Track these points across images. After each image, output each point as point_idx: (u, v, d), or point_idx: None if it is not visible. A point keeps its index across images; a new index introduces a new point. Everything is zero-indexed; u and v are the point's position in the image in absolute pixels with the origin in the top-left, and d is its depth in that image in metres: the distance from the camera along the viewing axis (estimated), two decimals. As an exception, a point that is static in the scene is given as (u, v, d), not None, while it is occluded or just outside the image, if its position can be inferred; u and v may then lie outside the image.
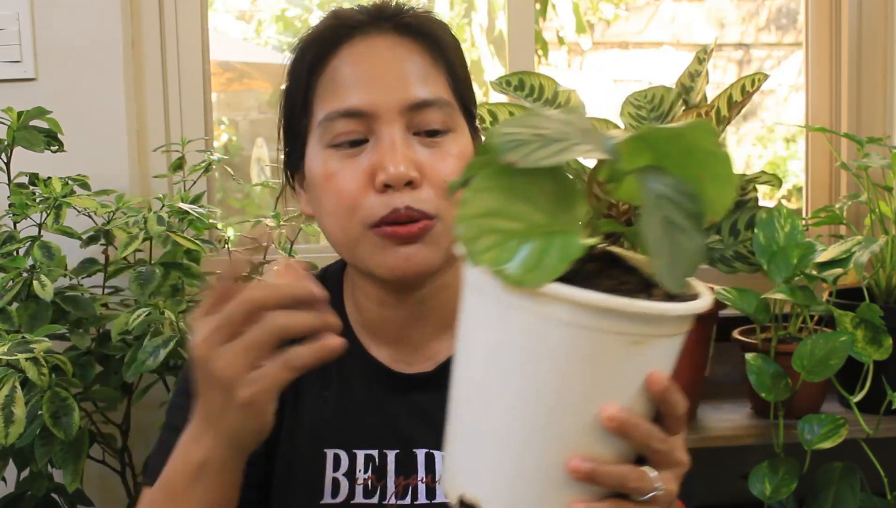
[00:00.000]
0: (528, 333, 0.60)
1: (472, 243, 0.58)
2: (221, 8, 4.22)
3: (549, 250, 0.58)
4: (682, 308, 0.61)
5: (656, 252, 0.59)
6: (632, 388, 0.62)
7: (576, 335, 0.59)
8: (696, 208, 0.62)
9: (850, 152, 1.85)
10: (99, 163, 1.62)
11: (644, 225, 0.60)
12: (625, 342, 0.60)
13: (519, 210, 0.59)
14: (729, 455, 1.62)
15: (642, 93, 1.63)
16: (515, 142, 0.58)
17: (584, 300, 0.58)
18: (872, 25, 1.89)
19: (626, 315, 0.59)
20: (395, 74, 0.90)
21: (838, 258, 1.48)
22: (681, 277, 0.61)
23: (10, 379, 1.19)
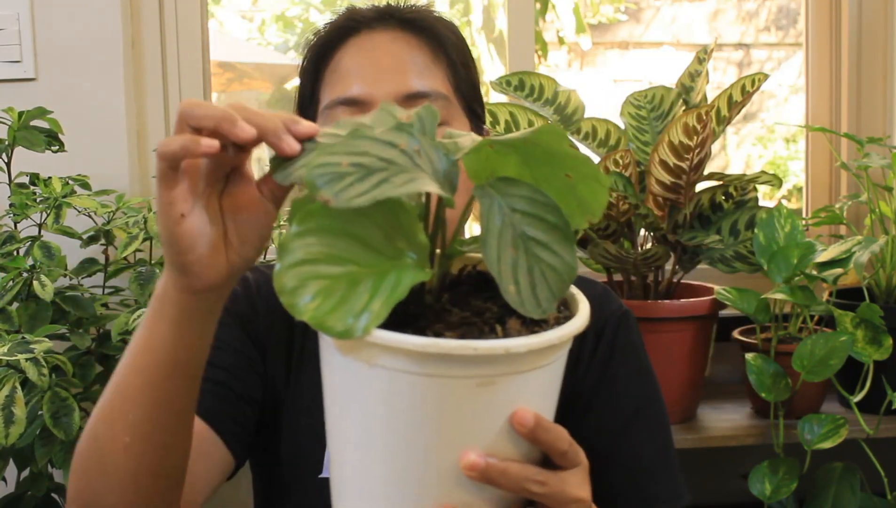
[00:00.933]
0: (367, 383, 0.56)
1: (293, 296, 0.52)
2: (223, 7, 4.23)
3: (375, 293, 0.52)
4: (526, 343, 0.55)
5: (503, 276, 0.55)
6: (495, 429, 0.57)
7: (412, 383, 0.55)
8: (557, 219, 0.57)
9: (850, 152, 1.85)
10: (99, 163, 1.62)
11: (484, 247, 0.55)
12: (470, 384, 0.55)
13: (344, 252, 0.53)
14: (729, 455, 1.62)
15: (642, 93, 1.63)
16: (330, 175, 0.52)
17: (411, 347, 0.53)
18: (872, 25, 1.89)
19: (459, 359, 0.54)
20: (393, 66, 0.92)
21: (838, 258, 1.48)
22: (545, 298, 0.56)
23: (11, 379, 1.19)
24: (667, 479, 0.95)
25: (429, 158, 0.57)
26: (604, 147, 1.63)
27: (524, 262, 0.56)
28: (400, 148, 0.56)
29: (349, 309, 0.52)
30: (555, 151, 0.59)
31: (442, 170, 0.57)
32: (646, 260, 1.53)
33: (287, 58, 4.60)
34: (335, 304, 0.52)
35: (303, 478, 0.95)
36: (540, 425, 0.59)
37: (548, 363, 0.58)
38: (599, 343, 0.95)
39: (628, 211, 1.55)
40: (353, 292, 0.52)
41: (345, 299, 0.52)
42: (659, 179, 1.51)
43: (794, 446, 1.46)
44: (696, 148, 1.46)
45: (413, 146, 0.57)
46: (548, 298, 0.56)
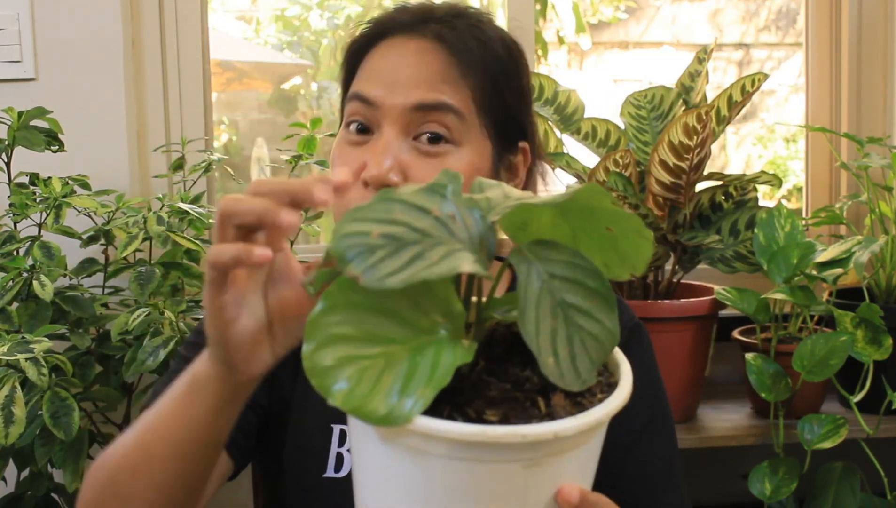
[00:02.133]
0: (406, 468, 0.54)
1: (326, 378, 0.49)
2: (221, 8, 4.23)
3: (414, 374, 0.49)
4: (575, 425, 0.53)
5: (542, 349, 0.52)
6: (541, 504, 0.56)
7: (456, 469, 0.52)
8: (598, 284, 0.55)
9: (850, 152, 1.85)
10: (99, 163, 1.62)
11: (521, 319, 0.52)
12: (516, 468, 0.53)
13: (376, 329, 0.50)
14: (729, 455, 1.62)
15: (642, 93, 1.63)
16: (359, 248, 0.49)
17: (457, 436, 0.50)
18: (872, 25, 1.89)
19: (507, 446, 0.52)
20: (411, 77, 0.90)
21: (838, 258, 1.48)
22: (585, 369, 0.54)
23: (10, 379, 1.19)
24: (672, 494, 0.96)
25: (464, 223, 0.54)
26: (604, 147, 1.63)
27: (563, 331, 0.54)
28: (433, 215, 0.53)
29: (388, 393, 0.49)
30: (595, 207, 0.56)
31: (478, 235, 0.54)
32: (646, 260, 1.53)
33: (286, 57, 4.60)
34: (371, 387, 0.49)
35: (309, 476, 0.95)
36: (586, 499, 0.57)
37: (591, 438, 0.57)
38: None
39: (628, 211, 1.55)
40: (390, 373, 0.49)
41: (382, 382, 0.49)
42: (659, 179, 1.51)
43: (794, 446, 1.46)
44: (696, 148, 1.46)
45: (447, 211, 0.54)
46: (588, 369, 0.54)
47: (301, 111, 4.28)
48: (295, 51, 4.55)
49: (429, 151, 0.89)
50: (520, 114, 0.98)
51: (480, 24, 0.96)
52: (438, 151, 0.89)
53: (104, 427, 1.50)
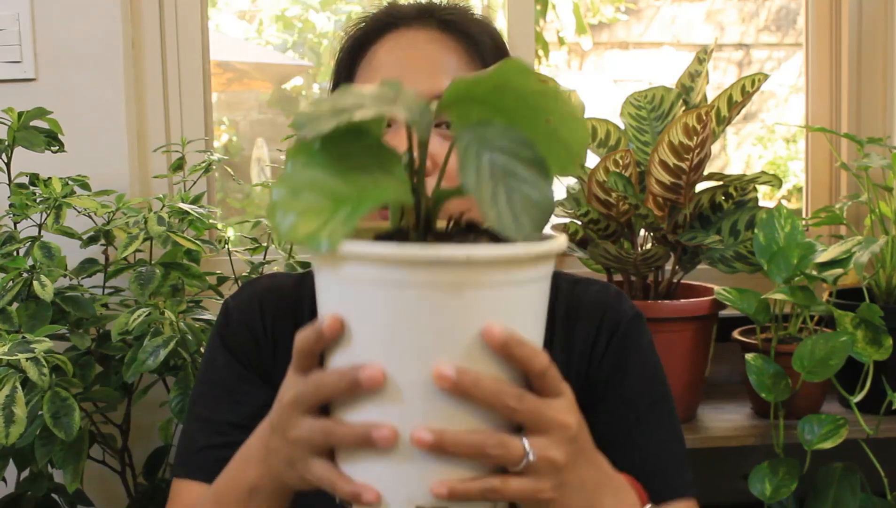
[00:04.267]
0: (344, 297, 0.59)
1: (278, 218, 0.56)
2: (222, 8, 4.23)
3: (354, 213, 0.56)
4: (488, 251, 0.57)
5: (487, 201, 0.57)
6: (468, 345, 0.59)
7: (384, 293, 0.57)
8: (533, 154, 0.60)
9: (851, 153, 1.85)
10: (99, 163, 1.62)
11: (462, 173, 0.58)
12: (437, 292, 0.57)
13: (329, 182, 0.57)
14: (729, 455, 1.62)
15: (642, 93, 1.63)
16: (310, 117, 0.57)
17: (377, 253, 0.57)
18: (872, 25, 1.89)
19: (423, 264, 0.56)
20: (425, 66, 0.92)
21: (838, 259, 1.48)
22: (527, 224, 0.57)
23: (11, 379, 1.19)
24: (683, 470, 0.96)
25: (405, 101, 0.60)
26: (604, 147, 1.63)
27: (504, 192, 0.58)
28: (377, 95, 0.59)
29: (324, 225, 0.55)
30: (528, 91, 0.60)
31: (417, 107, 0.60)
32: (646, 260, 1.53)
33: (286, 57, 4.60)
34: (319, 224, 0.55)
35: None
36: (513, 338, 0.59)
37: (520, 281, 0.59)
38: (613, 338, 0.97)
39: (628, 211, 1.55)
40: (335, 213, 0.56)
41: (326, 220, 0.55)
42: (659, 180, 1.51)
43: (795, 446, 1.46)
44: (696, 148, 1.46)
45: (389, 93, 0.60)
46: (529, 225, 0.58)
47: (301, 111, 4.27)
48: (297, 51, 4.55)
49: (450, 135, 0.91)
50: None
51: (474, 14, 0.99)
52: None
53: (104, 427, 1.50)
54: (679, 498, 0.94)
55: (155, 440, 1.61)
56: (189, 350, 1.35)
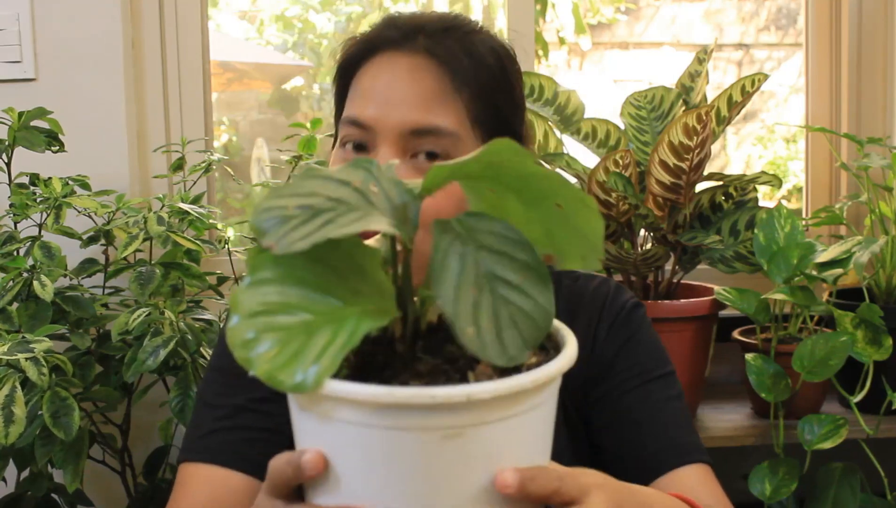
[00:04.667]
0: (329, 440, 0.53)
1: (246, 349, 0.48)
2: (222, 8, 4.23)
3: (332, 343, 0.48)
4: (492, 388, 0.50)
5: (460, 315, 0.49)
6: (474, 488, 0.52)
7: (373, 437, 0.50)
8: (531, 258, 0.52)
9: (851, 153, 1.85)
10: (99, 163, 1.62)
11: (436, 284, 0.50)
12: (435, 437, 0.50)
13: (301, 300, 0.50)
14: (729, 455, 1.62)
15: (642, 93, 1.63)
16: (275, 220, 0.48)
17: (363, 397, 0.49)
18: (872, 25, 1.89)
19: (417, 408, 0.49)
20: (405, 98, 0.90)
21: (838, 259, 1.48)
22: (514, 345, 0.50)
23: (11, 379, 1.19)
24: (694, 437, 0.97)
25: (386, 194, 0.52)
26: (604, 147, 1.63)
27: (488, 304, 0.50)
28: (353, 186, 0.52)
29: (302, 361, 0.48)
30: (530, 173, 0.53)
31: (401, 204, 0.53)
32: (646, 260, 1.53)
33: (286, 58, 4.60)
34: (290, 357, 0.48)
35: None
36: (525, 478, 0.54)
37: (525, 409, 0.53)
38: (616, 320, 0.99)
39: (628, 211, 1.55)
40: (309, 342, 0.48)
41: (300, 352, 0.48)
42: (659, 180, 1.51)
43: (795, 446, 1.46)
44: (696, 148, 1.46)
45: (368, 183, 0.52)
46: (517, 345, 0.51)
47: (303, 112, 4.28)
48: (297, 51, 4.55)
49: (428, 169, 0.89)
50: (515, 123, 0.98)
51: (471, 34, 0.95)
52: None
53: (104, 427, 1.50)
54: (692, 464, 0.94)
55: (155, 440, 1.61)
56: (189, 350, 1.35)
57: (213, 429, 0.93)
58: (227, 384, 0.96)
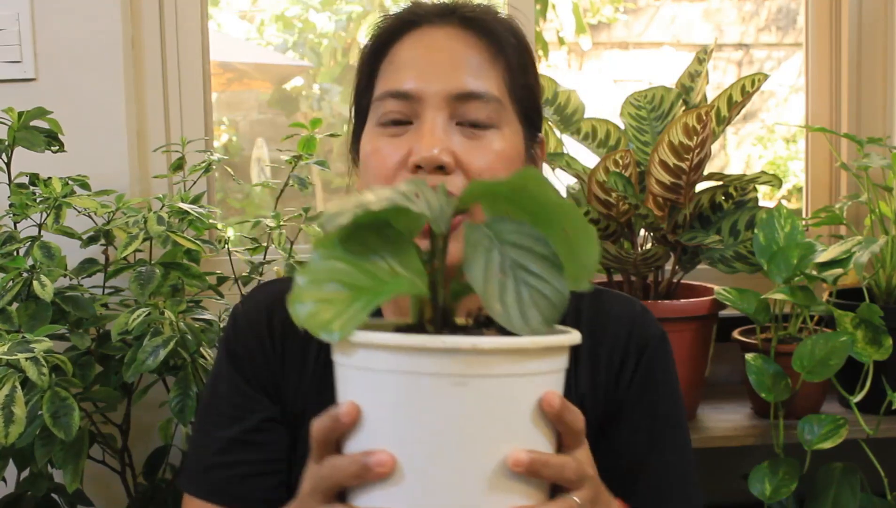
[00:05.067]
0: (359, 385, 0.61)
1: (296, 306, 0.59)
2: (222, 8, 4.23)
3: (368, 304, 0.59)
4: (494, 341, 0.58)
5: (489, 294, 0.59)
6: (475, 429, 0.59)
7: (397, 383, 0.59)
8: (547, 250, 0.61)
9: (851, 153, 1.85)
10: (99, 163, 1.62)
11: (468, 268, 0.59)
12: (445, 383, 0.58)
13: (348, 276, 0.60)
14: (729, 455, 1.62)
15: (642, 93, 1.63)
16: (334, 215, 0.60)
17: (384, 341, 0.59)
18: (872, 25, 1.89)
19: (429, 352, 0.58)
20: (448, 63, 0.91)
21: (838, 259, 1.48)
22: (535, 319, 0.59)
23: (11, 379, 1.19)
24: (694, 494, 0.98)
25: (427, 199, 0.62)
26: (604, 147, 1.63)
27: (512, 286, 0.59)
28: (400, 191, 0.62)
29: (337, 320, 0.58)
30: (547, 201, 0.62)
31: (437, 204, 0.62)
32: (646, 260, 1.53)
33: (286, 58, 4.60)
34: (333, 314, 0.58)
35: None
36: (565, 405, 0.62)
37: (528, 372, 0.60)
38: (641, 358, 0.97)
39: (628, 211, 1.55)
40: (350, 304, 0.58)
41: (340, 311, 0.58)
42: (659, 180, 1.51)
43: (794, 446, 1.46)
44: (696, 148, 1.46)
45: (412, 191, 0.62)
46: (538, 320, 0.59)
47: (303, 112, 4.28)
48: (297, 51, 4.55)
49: (473, 134, 0.91)
50: (539, 101, 1.00)
51: (494, 11, 0.98)
52: (481, 134, 0.91)
53: (104, 427, 1.50)
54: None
55: (155, 440, 1.61)
56: (189, 350, 1.35)
57: (211, 464, 0.96)
58: (222, 412, 0.97)
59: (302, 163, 1.58)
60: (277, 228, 1.55)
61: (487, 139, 0.91)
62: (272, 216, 1.57)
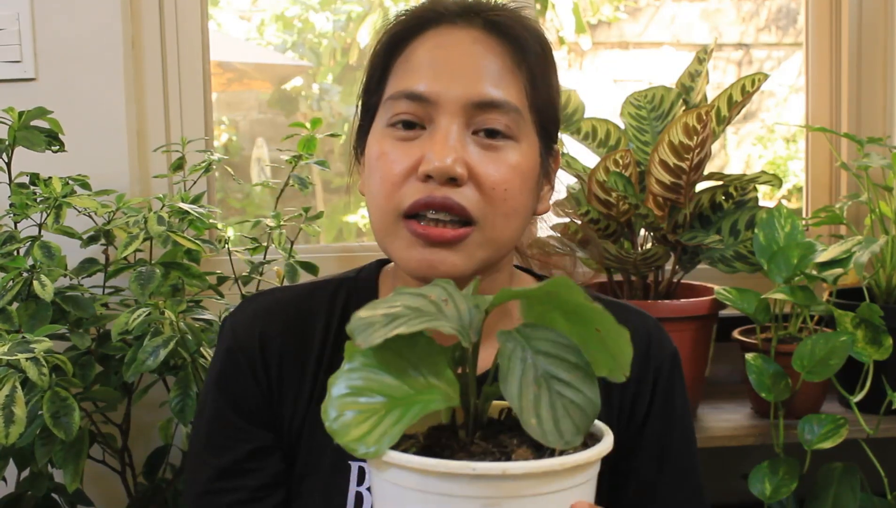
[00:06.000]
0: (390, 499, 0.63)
1: (334, 422, 0.61)
2: (222, 7, 4.23)
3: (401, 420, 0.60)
4: (524, 466, 0.59)
5: (524, 409, 0.60)
6: None
7: (422, 500, 0.60)
8: (578, 359, 0.62)
9: (851, 152, 1.85)
10: (99, 163, 1.62)
11: (503, 384, 0.60)
12: (475, 505, 0.59)
13: (381, 386, 0.62)
14: (729, 455, 1.62)
15: (642, 93, 1.63)
16: (364, 324, 0.61)
17: (415, 465, 0.60)
18: (872, 25, 1.89)
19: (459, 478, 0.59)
20: (468, 68, 0.87)
21: (838, 258, 1.48)
22: (568, 431, 0.60)
23: (11, 379, 1.19)
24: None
25: (456, 307, 0.64)
26: (604, 147, 1.63)
27: (546, 398, 0.61)
28: (429, 299, 0.64)
29: (373, 434, 0.60)
30: (578, 303, 0.64)
31: (467, 314, 0.63)
32: (646, 260, 1.53)
33: (286, 58, 4.60)
34: (364, 431, 0.60)
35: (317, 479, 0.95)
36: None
37: (557, 489, 0.61)
38: (658, 379, 0.97)
39: (628, 211, 1.55)
40: (381, 420, 0.60)
41: (374, 427, 0.60)
42: (659, 180, 1.51)
43: (795, 446, 1.46)
44: (696, 148, 1.46)
45: (441, 296, 0.64)
46: (571, 431, 0.60)
47: (302, 112, 4.28)
48: (297, 51, 4.55)
49: (489, 145, 0.87)
50: (558, 113, 0.96)
51: (520, 14, 0.93)
52: (498, 145, 0.87)
53: (104, 427, 1.50)
54: None
55: (155, 440, 1.61)
56: (189, 350, 1.35)
57: (205, 490, 0.95)
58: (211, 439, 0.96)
59: (302, 163, 1.58)
60: (277, 228, 1.55)
61: (504, 151, 0.87)
62: (272, 216, 1.57)
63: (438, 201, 0.84)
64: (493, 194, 0.86)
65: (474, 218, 0.85)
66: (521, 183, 0.88)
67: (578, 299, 0.63)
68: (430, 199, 0.84)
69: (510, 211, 0.87)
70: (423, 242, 0.85)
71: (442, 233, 0.85)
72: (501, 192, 0.86)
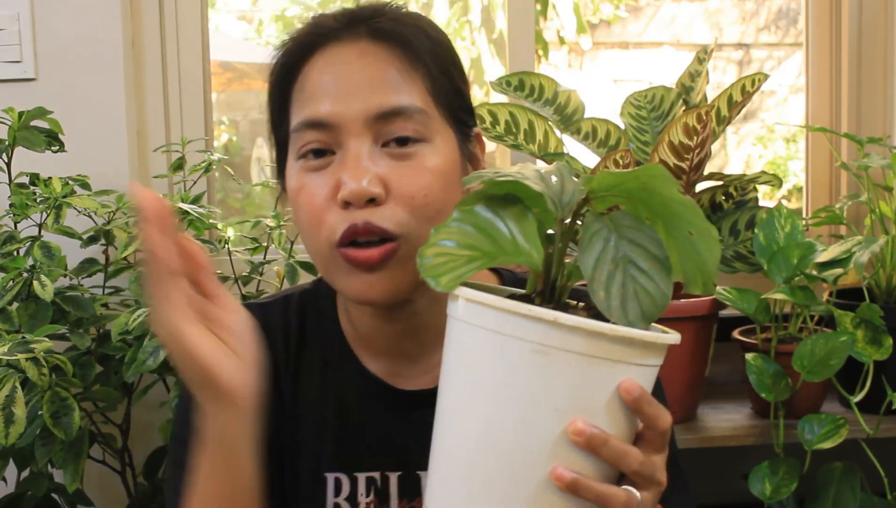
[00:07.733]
0: (460, 337, 0.65)
1: (424, 259, 0.65)
2: (222, 8, 4.22)
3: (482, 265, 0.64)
4: (574, 318, 0.61)
5: (595, 281, 0.62)
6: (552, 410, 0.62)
7: (488, 339, 0.63)
8: (659, 252, 0.64)
9: (851, 152, 1.85)
10: (99, 163, 1.62)
11: (581, 254, 0.63)
12: (525, 349, 0.61)
13: (474, 241, 0.66)
14: (729, 455, 1.62)
15: (642, 93, 1.63)
16: (477, 177, 0.67)
17: (476, 297, 0.63)
18: (872, 25, 1.89)
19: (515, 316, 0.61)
20: (362, 83, 0.85)
21: (838, 258, 1.47)
22: (634, 313, 0.62)
23: (11, 379, 1.19)
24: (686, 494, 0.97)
25: (562, 182, 0.67)
26: (604, 147, 1.63)
27: (620, 278, 0.62)
28: (538, 170, 0.67)
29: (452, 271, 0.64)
30: (673, 199, 0.65)
31: (570, 195, 0.66)
32: (646, 260, 1.53)
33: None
34: (446, 269, 0.64)
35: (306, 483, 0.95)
36: (644, 395, 0.63)
37: (605, 357, 0.62)
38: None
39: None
40: (468, 264, 0.64)
41: (455, 267, 0.64)
42: (659, 179, 1.50)
43: (795, 446, 1.46)
44: (696, 148, 1.46)
45: (552, 172, 0.67)
46: (637, 314, 0.62)
47: (301, 111, 4.27)
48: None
49: (402, 154, 0.85)
50: (468, 96, 0.94)
51: (404, 13, 0.91)
52: (411, 152, 0.85)
53: (104, 427, 1.50)
54: None
55: (155, 439, 1.61)
56: (189, 350, 1.34)
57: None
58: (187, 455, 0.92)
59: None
60: (277, 228, 1.55)
61: (418, 157, 0.85)
62: (272, 216, 1.57)
63: (361, 228, 0.83)
64: (413, 203, 0.84)
65: (397, 235, 0.84)
66: (443, 182, 0.86)
67: (673, 193, 0.64)
68: (353, 227, 0.83)
69: (434, 214, 0.84)
70: (356, 266, 0.84)
71: (369, 256, 0.83)
72: (422, 198, 0.84)
